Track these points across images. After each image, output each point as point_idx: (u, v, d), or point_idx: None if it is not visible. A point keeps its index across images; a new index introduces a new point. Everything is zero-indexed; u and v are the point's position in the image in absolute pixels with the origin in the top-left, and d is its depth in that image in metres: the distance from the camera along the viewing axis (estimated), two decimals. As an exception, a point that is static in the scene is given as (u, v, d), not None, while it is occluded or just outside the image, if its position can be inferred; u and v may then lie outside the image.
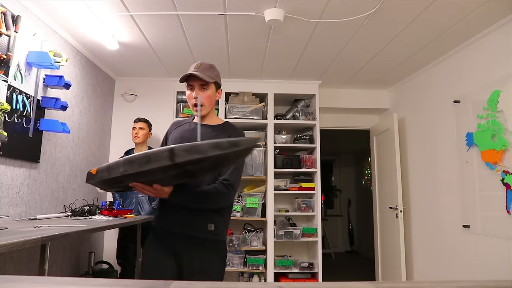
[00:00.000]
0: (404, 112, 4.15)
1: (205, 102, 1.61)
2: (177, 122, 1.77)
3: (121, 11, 2.67)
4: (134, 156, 1.24)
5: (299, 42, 3.21)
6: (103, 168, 1.36)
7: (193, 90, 1.62)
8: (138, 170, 1.20)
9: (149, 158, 1.18)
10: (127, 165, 1.23)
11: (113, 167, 1.30)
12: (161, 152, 1.15)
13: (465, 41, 3.04)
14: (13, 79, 2.34)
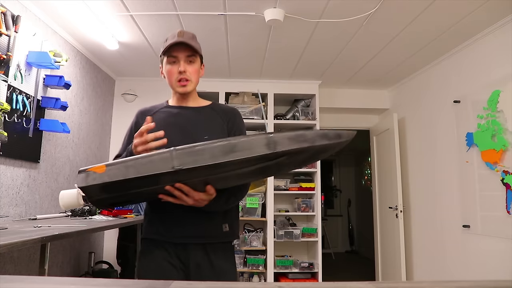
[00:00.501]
0: (404, 112, 4.15)
1: (193, 78, 1.36)
2: (147, 111, 1.44)
3: (121, 11, 2.67)
4: (202, 144, 0.97)
5: (299, 42, 3.21)
6: (119, 164, 0.99)
7: (176, 63, 1.35)
8: (212, 162, 0.94)
9: (234, 146, 0.95)
10: (189, 156, 0.95)
11: (148, 160, 0.98)
12: (255, 139, 0.96)
13: (465, 41, 3.04)
14: (13, 79, 2.34)
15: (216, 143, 0.96)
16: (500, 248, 2.57)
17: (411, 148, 4.00)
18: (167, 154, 0.96)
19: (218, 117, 1.39)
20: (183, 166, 0.95)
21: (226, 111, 1.43)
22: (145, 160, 0.98)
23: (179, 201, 1.09)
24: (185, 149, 0.96)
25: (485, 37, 2.85)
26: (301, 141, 0.94)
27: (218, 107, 1.44)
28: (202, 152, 0.95)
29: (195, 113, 1.38)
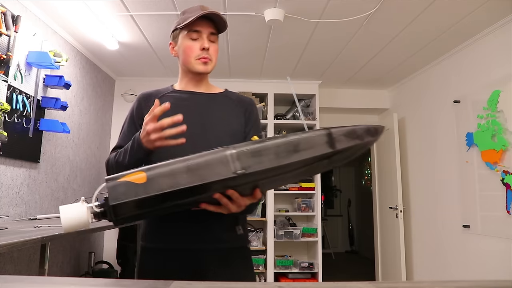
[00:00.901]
0: (404, 112, 4.15)
1: (214, 58, 1.19)
2: (151, 94, 1.23)
3: (121, 11, 2.67)
4: (261, 145, 0.84)
5: (299, 42, 3.21)
6: (163, 170, 0.81)
7: (198, 40, 1.17)
8: (277, 164, 0.82)
9: (297, 144, 0.83)
10: (252, 157, 0.82)
11: (204, 163, 0.81)
12: (317, 137, 0.85)
13: (465, 41, 3.04)
14: (13, 79, 2.34)
15: (278, 141, 0.84)
16: (500, 248, 2.57)
17: (411, 148, 4.00)
18: (223, 155, 0.81)
19: (234, 106, 1.22)
20: (246, 169, 0.80)
21: (243, 101, 1.26)
22: (199, 163, 0.80)
23: (221, 209, 0.92)
24: (245, 148, 0.82)
25: (485, 37, 2.85)
26: (354, 138, 0.86)
27: (233, 95, 1.27)
28: (266, 152, 0.82)
29: (208, 100, 1.21)
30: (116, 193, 0.76)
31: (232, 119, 1.20)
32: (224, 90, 1.28)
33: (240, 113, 1.22)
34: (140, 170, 0.79)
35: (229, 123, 1.18)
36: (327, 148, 0.84)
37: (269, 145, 0.83)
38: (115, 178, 0.79)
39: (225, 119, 1.19)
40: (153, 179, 0.78)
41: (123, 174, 0.79)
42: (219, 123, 1.17)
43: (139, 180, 0.77)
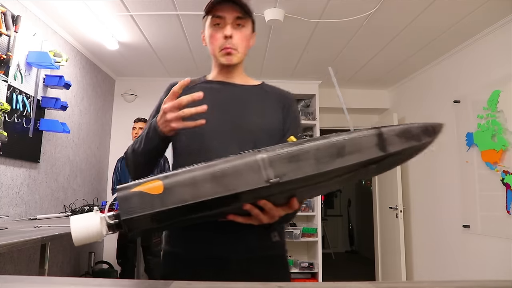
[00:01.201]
0: (404, 112, 4.15)
1: (240, 47, 1.06)
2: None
3: (121, 11, 2.67)
4: (299, 148, 0.73)
5: (299, 42, 3.21)
6: (183, 178, 0.70)
7: (221, 26, 1.04)
8: (318, 171, 0.71)
9: (342, 147, 0.72)
10: (288, 163, 0.71)
11: (232, 170, 0.70)
12: (365, 138, 0.74)
13: (465, 41, 3.04)
14: (13, 79, 2.34)
15: (318, 143, 0.73)
16: (500, 248, 2.56)
17: (411, 148, 3.99)
18: (253, 160, 0.70)
19: (272, 101, 1.10)
20: (281, 178, 0.69)
21: (282, 94, 1.15)
22: (225, 170, 0.70)
23: (252, 220, 0.80)
24: (280, 152, 0.71)
25: (485, 37, 2.84)
26: (409, 139, 0.75)
27: (270, 88, 1.16)
28: (305, 157, 0.71)
29: (243, 93, 1.09)
30: (128, 205, 0.66)
31: (269, 114, 1.07)
32: (261, 83, 1.16)
33: (278, 108, 1.09)
34: (156, 178, 0.69)
35: (265, 118, 1.05)
36: (377, 151, 0.73)
37: (308, 148, 0.72)
38: (128, 187, 0.68)
39: (261, 114, 1.06)
40: (171, 189, 0.67)
41: (137, 183, 0.68)
42: (254, 119, 1.04)
43: (154, 190, 0.66)
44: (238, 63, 1.08)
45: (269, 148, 0.74)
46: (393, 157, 0.75)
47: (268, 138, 0.99)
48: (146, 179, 0.70)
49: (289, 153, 0.72)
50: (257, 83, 1.15)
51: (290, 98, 1.15)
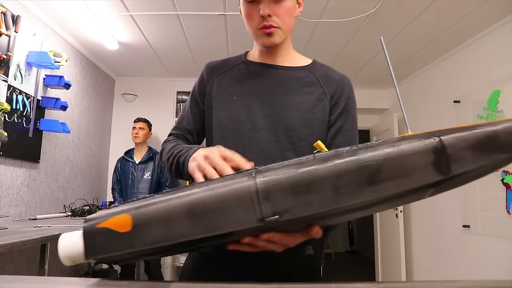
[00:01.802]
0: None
1: (283, 23, 0.87)
2: (218, 66, 0.98)
3: (121, 11, 2.67)
4: (310, 172, 0.52)
5: (299, 42, 3.21)
6: (155, 217, 0.54)
7: (257, 2, 0.86)
8: (334, 206, 0.51)
9: (376, 172, 0.50)
10: (287, 197, 0.52)
11: (214, 207, 0.53)
12: (415, 155, 0.50)
13: (465, 41, 3.04)
14: (13, 79, 2.34)
15: (340, 164, 0.51)
16: (500, 248, 2.56)
17: (411, 148, 3.99)
18: (243, 189, 0.52)
19: (318, 87, 0.92)
20: (282, 215, 0.51)
21: (332, 78, 0.95)
22: (205, 204, 0.53)
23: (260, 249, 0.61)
24: (280, 178, 0.52)
25: (485, 37, 2.84)
26: (492, 151, 0.50)
27: (320, 70, 0.95)
28: (318, 187, 0.51)
29: (287, 78, 0.92)
30: (93, 244, 0.54)
31: (313, 105, 0.88)
32: (311, 63, 0.97)
33: (325, 97, 0.90)
34: (126, 209, 0.55)
35: (308, 112, 0.87)
36: (434, 174, 0.50)
37: (323, 175, 0.51)
38: (94, 220, 0.55)
39: (304, 106, 0.88)
40: (140, 227, 0.53)
41: (104, 216, 0.55)
42: (294, 110, 0.87)
43: (122, 226, 0.54)
44: (282, 42, 0.90)
45: (271, 167, 0.54)
46: (460, 177, 0.52)
47: (309, 134, 0.85)
48: (115, 210, 0.56)
49: (294, 180, 0.51)
50: (306, 63, 0.96)
51: (342, 83, 0.95)
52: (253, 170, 0.55)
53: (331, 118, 0.90)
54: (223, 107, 0.90)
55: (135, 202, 0.56)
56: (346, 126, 0.91)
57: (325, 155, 0.53)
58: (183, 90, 4.20)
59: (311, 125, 0.87)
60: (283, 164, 0.54)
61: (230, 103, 0.89)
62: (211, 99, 0.93)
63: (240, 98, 0.89)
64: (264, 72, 0.93)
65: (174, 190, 0.56)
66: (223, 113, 0.89)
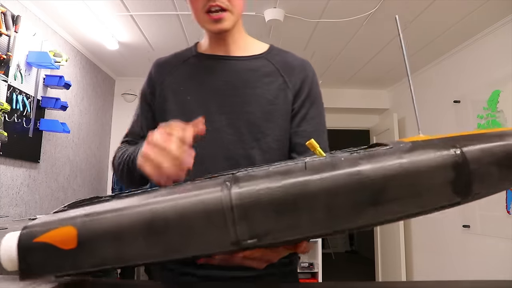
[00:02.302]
0: (404, 112, 4.14)
1: (233, 6, 0.78)
2: (167, 62, 0.90)
3: (121, 11, 2.67)
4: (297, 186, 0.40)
5: (299, 42, 3.21)
6: (106, 233, 0.42)
7: None
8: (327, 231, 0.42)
9: (381, 191, 0.39)
10: (269, 218, 0.40)
11: (175, 224, 0.41)
12: (427, 172, 0.40)
13: (465, 41, 3.04)
14: (13, 79, 2.34)
15: (336, 176, 0.40)
16: (500, 248, 2.56)
17: (411, 148, 3.99)
18: (215, 203, 0.41)
19: (278, 76, 0.83)
20: (261, 239, 0.41)
21: (292, 65, 0.85)
22: (168, 220, 0.41)
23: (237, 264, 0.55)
24: (261, 193, 0.40)
25: (485, 37, 2.84)
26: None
27: (278, 57, 0.87)
28: (308, 206, 0.40)
29: (245, 69, 0.83)
30: (29, 262, 0.43)
31: (273, 95, 0.81)
32: (268, 49, 0.89)
33: (288, 88, 0.83)
34: (72, 220, 0.43)
35: (269, 101, 0.81)
36: (450, 195, 0.41)
37: (315, 188, 0.40)
38: (33, 230, 0.44)
39: (264, 96, 0.81)
40: (87, 245, 0.42)
41: (45, 228, 0.43)
42: (255, 104, 0.80)
43: (66, 242, 0.42)
44: (232, 27, 0.80)
45: (253, 174, 0.43)
46: (478, 195, 0.43)
47: (274, 129, 0.79)
48: (60, 217, 0.45)
49: (279, 195, 0.40)
50: (262, 51, 0.88)
51: (304, 70, 0.85)
52: (229, 176, 0.44)
53: (295, 106, 0.83)
54: (177, 109, 0.82)
55: (86, 207, 0.45)
56: (311, 113, 0.84)
57: (319, 164, 0.42)
58: (183, 90, 4.20)
59: (274, 118, 0.80)
60: (267, 171, 0.43)
61: (185, 104, 0.81)
62: (164, 101, 0.84)
63: (195, 97, 0.81)
64: (218, 65, 0.84)
65: (132, 195, 0.45)
66: (177, 116, 0.76)
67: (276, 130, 0.80)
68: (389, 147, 0.44)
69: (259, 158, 0.79)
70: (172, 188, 0.46)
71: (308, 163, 0.43)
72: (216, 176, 0.47)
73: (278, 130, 0.80)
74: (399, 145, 0.43)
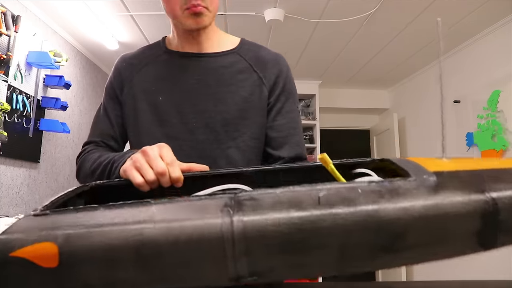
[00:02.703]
0: (404, 112, 4.15)
1: (211, 2, 0.77)
2: (136, 58, 0.89)
3: (121, 11, 2.67)
4: (309, 224, 0.36)
5: (299, 42, 3.21)
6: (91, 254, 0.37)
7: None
8: (336, 273, 0.40)
9: (400, 234, 0.36)
10: (274, 255, 0.36)
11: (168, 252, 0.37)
12: (454, 218, 0.37)
13: (465, 41, 3.04)
14: (13, 79, 2.34)
15: (353, 214, 0.36)
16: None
17: (411, 148, 4.00)
18: (216, 238, 0.36)
19: (252, 72, 0.82)
20: (261, 276, 0.38)
21: (265, 59, 0.84)
22: (161, 248, 0.37)
23: None
24: (266, 228, 0.36)
25: (485, 37, 2.84)
26: None
27: (251, 52, 0.85)
28: (319, 245, 0.37)
29: (218, 66, 0.82)
30: (5, 278, 0.38)
31: (248, 92, 0.80)
32: (238, 44, 0.86)
33: (263, 86, 0.82)
34: (52, 234, 0.38)
35: (244, 99, 0.80)
36: (473, 245, 0.39)
37: (328, 226, 0.36)
38: (10, 243, 0.37)
39: (238, 93, 0.80)
40: (69, 266, 0.37)
41: (24, 242, 0.37)
42: (230, 102, 0.79)
43: (46, 259, 0.37)
44: (209, 24, 0.79)
45: (258, 196, 0.38)
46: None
47: (250, 126, 0.79)
48: (40, 226, 0.39)
49: (288, 231, 0.36)
50: (233, 46, 0.85)
51: (278, 65, 0.84)
52: (230, 197, 0.39)
53: (270, 100, 0.82)
54: (149, 110, 0.79)
55: (69, 215, 0.40)
56: (286, 107, 0.83)
57: (334, 198, 0.37)
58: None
59: (249, 115, 0.79)
60: (274, 198, 0.38)
61: (158, 105, 0.79)
62: (134, 101, 0.81)
63: (167, 97, 0.79)
64: (190, 63, 0.82)
65: (122, 206, 0.40)
66: (150, 117, 0.79)
67: (253, 128, 0.79)
68: (411, 180, 0.39)
69: (237, 158, 0.78)
70: (166, 204, 0.40)
71: (322, 199, 0.37)
72: (213, 195, 0.41)
73: (255, 128, 0.79)
74: (422, 178, 0.39)
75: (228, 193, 0.40)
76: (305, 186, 0.39)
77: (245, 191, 0.40)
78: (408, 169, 0.43)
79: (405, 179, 0.39)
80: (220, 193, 0.41)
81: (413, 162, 0.46)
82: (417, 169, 0.42)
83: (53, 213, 0.40)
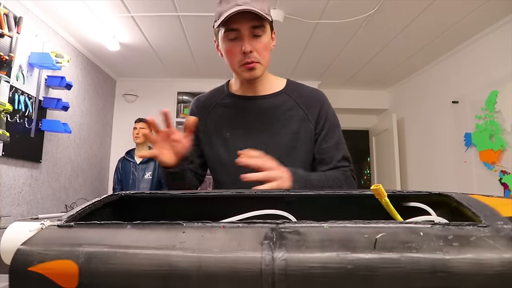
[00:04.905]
0: (403, 113, 4.16)
1: (263, 58, 0.94)
2: (206, 101, 1.07)
3: (122, 12, 2.69)
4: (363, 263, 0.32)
5: (298, 42, 3.23)
6: (116, 277, 0.34)
7: (238, 39, 0.91)
8: None
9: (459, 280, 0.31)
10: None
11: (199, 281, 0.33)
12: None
13: (464, 41, 3.06)
14: (15, 80, 2.36)
15: (413, 262, 0.31)
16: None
17: (410, 148, 4.01)
18: (254, 276, 0.32)
19: (299, 109, 1.01)
20: None
21: (307, 96, 1.03)
22: (186, 280, 0.33)
23: None
24: (312, 269, 0.32)
25: (485, 37, 2.86)
26: None
27: (296, 91, 1.03)
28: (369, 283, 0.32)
29: (271, 106, 1.01)
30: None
31: (297, 126, 0.99)
32: (285, 85, 1.04)
33: (309, 121, 1.00)
34: (73, 252, 0.36)
35: (293, 131, 0.99)
36: None
37: (384, 277, 0.32)
38: (29, 257, 0.36)
39: (290, 127, 0.99)
40: (89, 286, 0.35)
41: (43, 257, 0.35)
42: (283, 135, 0.98)
43: (65, 278, 0.35)
44: (261, 74, 0.97)
45: (301, 231, 0.35)
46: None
47: (299, 152, 0.98)
48: (61, 240, 0.37)
49: (333, 276, 0.32)
50: (281, 87, 1.04)
51: (321, 102, 1.02)
52: (273, 227, 0.35)
53: (316, 131, 1.00)
54: (221, 144, 1.01)
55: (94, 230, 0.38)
56: (330, 134, 1.00)
57: (391, 241, 0.33)
58: (184, 90, 4.21)
59: (298, 144, 0.98)
60: (321, 233, 0.34)
61: (227, 141, 1.00)
62: (209, 137, 1.03)
63: (233, 133, 1.00)
64: (249, 104, 1.02)
65: (153, 226, 0.38)
66: (221, 150, 1.01)
67: (301, 155, 0.97)
68: (483, 226, 0.34)
69: None
70: (199, 228, 0.37)
71: (379, 242, 0.33)
72: (253, 219, 0.38)
73: (303, 154, 0.97)
74: (496, 225, 0.34)
75: (269, 222, 0.36)
76: (357, 222, 0.35)
77: (288, 220, 0.36)
78: (476, 211, 0.37)
79: (476, 225, 0.34)
80: (260, 221, 0.37)
81: (481, 202, 0.39)
82: (489, 212, 0.36)
83: (78, 226, 0.39)
